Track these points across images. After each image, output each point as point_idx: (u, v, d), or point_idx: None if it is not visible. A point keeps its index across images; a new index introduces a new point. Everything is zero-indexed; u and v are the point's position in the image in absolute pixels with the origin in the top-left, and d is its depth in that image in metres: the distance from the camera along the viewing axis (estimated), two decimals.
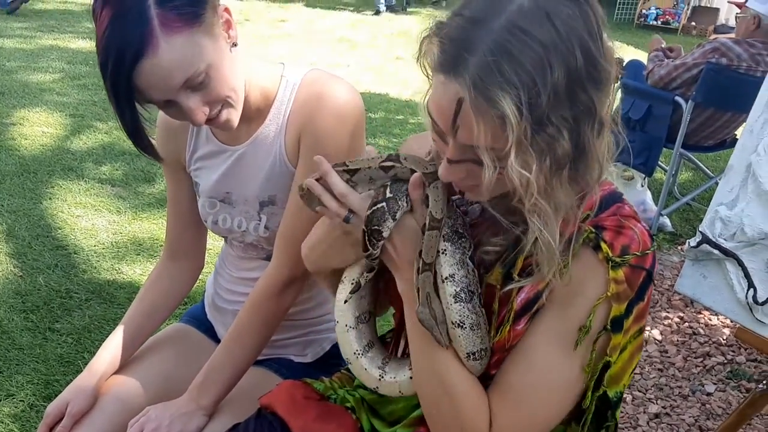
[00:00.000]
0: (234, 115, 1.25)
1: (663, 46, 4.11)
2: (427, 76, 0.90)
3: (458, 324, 0.97)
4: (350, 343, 1.12)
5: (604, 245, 0.93)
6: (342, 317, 1.12)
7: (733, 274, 1.65)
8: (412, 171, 1.00)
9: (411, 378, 1.07)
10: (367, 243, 1.01)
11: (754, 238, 1.61)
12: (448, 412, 1.00)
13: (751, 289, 1.62)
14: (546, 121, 0.81)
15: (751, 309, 1.63)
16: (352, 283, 1.10)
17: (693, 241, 1.71)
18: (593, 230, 0.94)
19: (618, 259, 0.93)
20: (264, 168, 1.39)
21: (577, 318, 0.94)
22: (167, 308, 1.56)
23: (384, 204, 0.99)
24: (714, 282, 1.70)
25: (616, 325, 0.94)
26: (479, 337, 0.98)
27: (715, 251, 1.66)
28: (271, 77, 1.36)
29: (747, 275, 1.62)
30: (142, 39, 1.08)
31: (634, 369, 1.01)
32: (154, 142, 1.27)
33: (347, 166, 1.04)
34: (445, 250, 0.98)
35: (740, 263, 1.63)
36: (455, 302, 0.97)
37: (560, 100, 0.81)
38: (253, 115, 1.36)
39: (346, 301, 1.12)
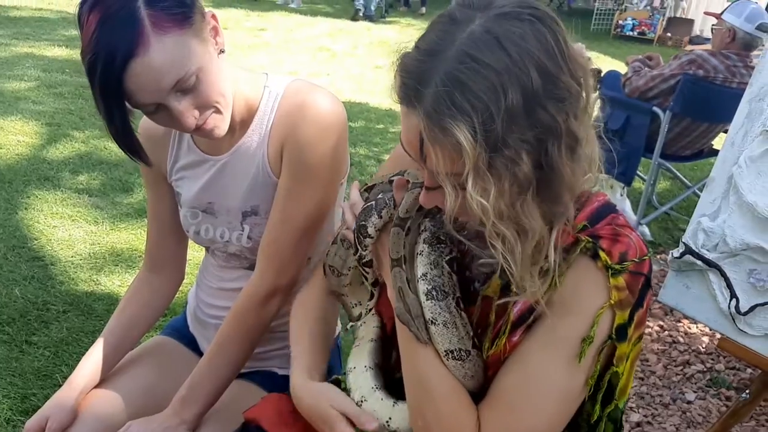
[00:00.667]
0: (221, 123, 1.25)
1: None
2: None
3: (431, 321, 0.99)
4: (368, 380, 1.12)
5: (602, 253, 0.93)
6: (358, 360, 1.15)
7: (715, 284, 1.66)
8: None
9: None
10: (356, 242, 1.05)
11: (736, 248, 1.63)
12: (432, 419, 0.98)
13: (734, 300, 1.64)
14: (502, 145, 0.81)
15: (733, 319, 1.65)
16: (361, 320, 1.16)
17: (676, 252, 1.73)
18: (590, 239, 0.94)
19: (617, 266, 0.93)
20: (247, 178, 1.38)
21: (578, 327, 0.94)
22: (148, 320, 1.53)
23: (372, 203, 1.05)
24: (697, 292, 1.71)
25: (621, 333, 0.94)
26: (455, 336, 0.99)
27: (698, 262, 1.68)
28: (255, 87, 1.35)
29: (729, 285, 1.64)
30: (133, 38, 1.08)
31: (633, 376, 1.01)
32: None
33: (367, 185, 1.13)
34: (422, 251, 1.02)
35: (723, 274, 1.65)
36: (427, 299, 0.99)
37: (517, 123, 0.81)
38: (237, 125, 1.35)
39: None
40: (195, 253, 3.04)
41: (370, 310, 1.17)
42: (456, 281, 1.02)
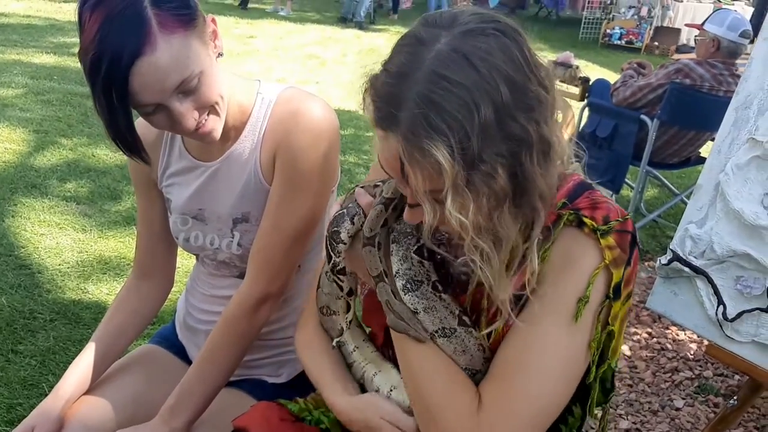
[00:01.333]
0: (218, 125, 1.25)
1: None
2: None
3: (413, 311, 1.00)
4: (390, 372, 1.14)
5: (586, 219, 0.96)
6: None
7: (703, 291, 1.68)
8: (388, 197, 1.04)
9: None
10: (329, 249, 1.06)
11: (723, 255, 1.64)
12: (434, 409, 0.98)
13: (721, 306, 1.65)
14: (479, 161, 0.83)
15: (721, 325, 1.66)
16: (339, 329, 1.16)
17: (664, 259, 1.74)
18: (572, 212, 0.97)
19: (604, 227, 0.95)
20: (238, 185, 1.37)
21: (572, 289, 0.94)
22: (136, 328, 1.52)
23: (344, 210, 1.07)
24: (685, 299, 1.72)
25: (617, 292, 0.95)
26: (437, 318, 1.00)
27: (686, 269, 1.69)
28: (248, 93, 1.36)
29: (717, 292, 1.65)
30: (141, 37, 1.08)
31: (623, 336, 1.02)
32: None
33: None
34: (392, 250, 1.03)
35: (710, 280, 1.66)
36: (405, 294, 1.01)
37: (491, 138, 0.83)
38: (230, 130, 1.35)
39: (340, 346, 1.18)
40: (184, 261, 3.03)
41: (350, 321, 1.17)
42: (429, 266, 1.03)
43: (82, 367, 1.41)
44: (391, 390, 1.10)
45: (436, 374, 0.99)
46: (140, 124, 1.42)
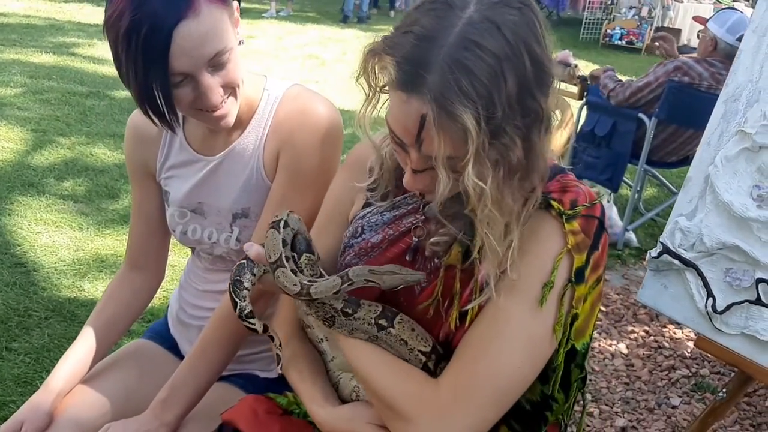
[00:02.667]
0: (234, 110, 1.27)
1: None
2: (373, 91, 0.94)
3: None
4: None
5: (554, 203, 0.96)
6: None
7: (692, 283, 1.68)
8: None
9: None
10: (234, 296, 1.08)
11: (713, 248, 1.64)
12: (389, 400, 0.99)
13: (710, 299, 1.65)
14: (501, 131, 0.84)
15: (710, 318, 1.66)
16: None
17: (654, 252, 1.74)
18: (540, 195, 0.96)
19: (570, 212, 0.96)
20: (240, 180, 1.37)
21: (538, 273, 0.95)
22: (127, 320, 1.52)
23: (243, 262, 1.10)
24: (675, 292, 1.72)
25: (579, 276, 0.96)
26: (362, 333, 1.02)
27: (676, 261, 1.69)
28: (255, 88, 1.37)
29: (706, 285, 1.65)
30: (186, 0, 1.11)
31: (595, 320, 1.02)
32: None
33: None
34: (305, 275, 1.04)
35: (700, 273, 1.66)
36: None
37: (513, 110, 0.84)
38: (236, 123, 1.35)
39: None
40: (180, 259, 3.03)
41: (279, 346, 1.14)
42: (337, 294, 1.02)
43: (72, 360, 1.40)
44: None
45: (378, 368, 1.00)
46: (139, 114, 1.43)
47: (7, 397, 2.21)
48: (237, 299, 1.08)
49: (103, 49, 7.53)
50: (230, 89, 1.24)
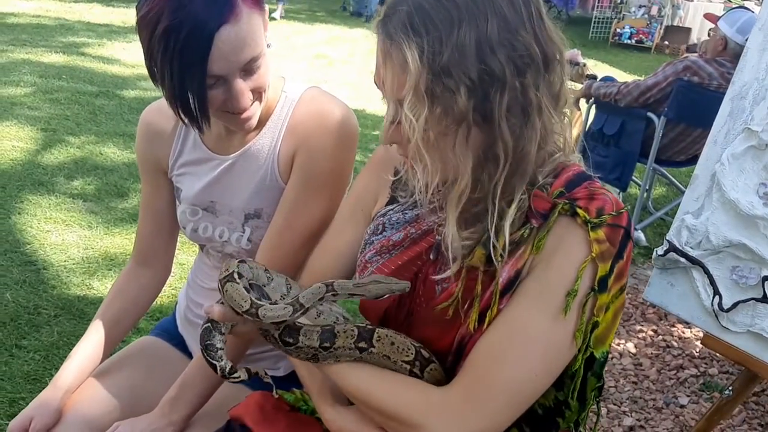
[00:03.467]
0: (258, 112, 1.29)
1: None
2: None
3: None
4: None
5: (580, 210, 0.96)
6: None
7: (699, 281, 1.67)
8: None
9: None
10: (210, 361, 1.10)
11: (719, 246, 1.64)
12: (392, 413, 0.99)
13: (717, 297, 1.64)
14: (444, 73, 0.87)
15: (716, 316, 1.66)
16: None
17: (660, 250, 1.73)
18: (567, 201, 0.97)
19: (596, 220, 0.95)
20: (254, 180, 1.38)
21: (561, 281, 0.95)
22: (134, 316, 1.53)
23: (208, 324, 1.10)
24: (681, 290, 1.72)
25: (602, 284, 0.95)
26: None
27: (682, 259, 1.69)
28: (274, 89, 1.37)
29: (713, 282, 1.65)
30: (228, 5, 1.13)
31: (616, 330, 1.02)
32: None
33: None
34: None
35: (706, 271, 1.66)
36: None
37: (464, 58, 0.88)
38: None
39: None
40: (188, 257, 3.04)
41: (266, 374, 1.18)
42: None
43: (80, 357, 1.41)
44: None
45: (373, 385, 1.00)
46: (152, 110, 1.45)
47: (17, 394, 2.23)
48: (214, 362, 1.09)
49: (112, 49, 7.58)
50: (258, 93, 1.25)
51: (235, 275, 1.04)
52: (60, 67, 6.46)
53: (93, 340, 1.44)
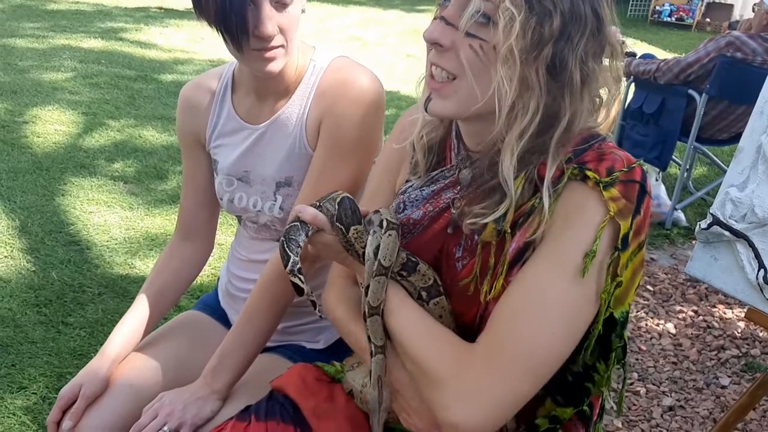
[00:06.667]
0: (282, 61, 1.31)
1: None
2: None
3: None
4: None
5: (590, 173, 0.93)
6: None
7: (743, 255, 1.64)
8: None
9: None
10: (287, 250, 1.06)
11: (765, 219, 1.60)
12: (421, 361, 0.99)
13: (762, 270, 1.61)
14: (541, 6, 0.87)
15: (761, 289, 1.62)
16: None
17: (704, 223, 1.70)
18: (575, 166, 0.95)
19: (607, 179, 0.93)
20: (283, 148, 1.40)
21: (578, 243, 0.92)
22: (178, 289, 1.56)
23: (297, 222, 1.08)
24: (725, 264, 1.69)
25: (624, 242, 0.93)
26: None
27: (726, 233, 1.65)
28: (304, 57, 1.40)
29: (758, 256, 1.61)
30: None
31: (637, 287, 0.99)
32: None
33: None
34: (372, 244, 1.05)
35: (751, 244, 1.62)
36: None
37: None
38: (281, 91, 1.38)
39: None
40: (227, 237, 3.08)
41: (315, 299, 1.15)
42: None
43: (126, 329, 1.45)
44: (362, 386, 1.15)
45: (415, 330, 1.00)
46: (190, 85, 1.49)
47: (64, 369, 2.30)
48: (290, 253, 1.05)
49: (149, 33, 7.66)
50: (283, 38, 1.27)
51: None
52: (99, 52, 6.56)
53: (139, 312, 1.47)
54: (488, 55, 0.90)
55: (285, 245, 1.05)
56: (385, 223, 1.03)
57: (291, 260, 1.04)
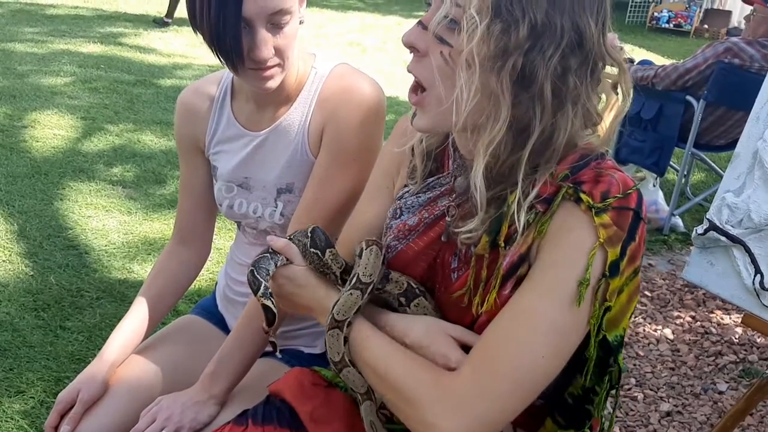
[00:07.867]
0: (279, 78, 1.31)
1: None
2: None
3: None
4: None
5: (584, 195, 0.92)
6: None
7: (740, 260, 1.65)
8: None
9: None
10: (256, 276, 1.07)
11: (761, 224, 1.61)
12: (403, 390, 0.97)
13: (758, 275, 1.62)
14: (506, 11, 0.86)
15: (758, 295, 1.63)
16: None
17: (700, 229, 1.71)
18: (571, 185, 0.94)
19: (600, 205, 0.92)
20: (285, 155, 1.41)
21: (567, 267, 0.92)
22: (176, 293, 1.56)
23: (268, 252, 1.10)
24: (721, 269, 1.70)
25: (613, 269, 0.92)
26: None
27: (722, 238, 1.66)
28: (305, 65, 1.41)
29: (754, 261, 1.62)
30: None
31: (632, 313, 0.98)
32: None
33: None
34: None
35: (747, 249, 1.63)
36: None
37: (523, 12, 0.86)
38: (282, 99, 1.39)
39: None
40: (225, 242, 3.09)
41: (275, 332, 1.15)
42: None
43: (124, 332, 1.45)
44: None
45: (390, 358, 0.99)
46: (189, 91, 1.49)
47: (62, 373, 2.29)
48: (260, 279, 1.06)
49: (148, 38, 7.67)
50: (280, 57, 1.27)
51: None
52: (98, 57, 6.57)
53: (137, 316, 1.47)
54: (455, 61, 0.90)
55: (255, 273, 1.07)
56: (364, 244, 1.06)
57: (262, 285, 1.06)
